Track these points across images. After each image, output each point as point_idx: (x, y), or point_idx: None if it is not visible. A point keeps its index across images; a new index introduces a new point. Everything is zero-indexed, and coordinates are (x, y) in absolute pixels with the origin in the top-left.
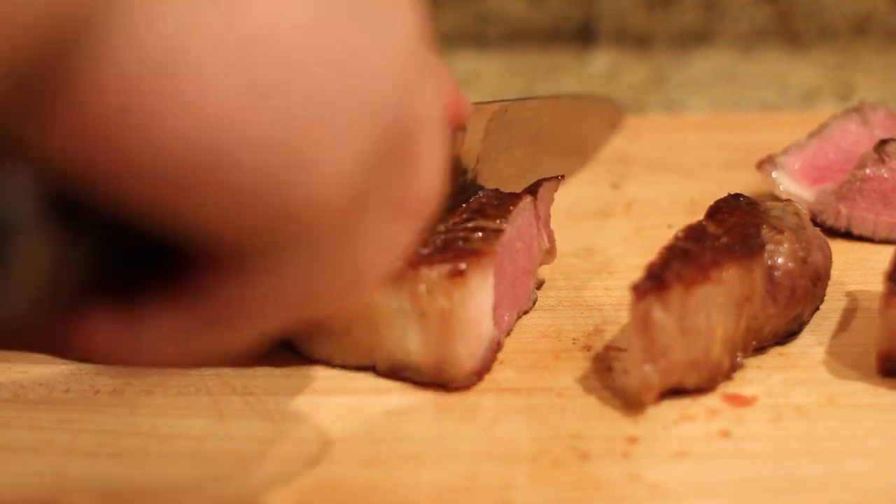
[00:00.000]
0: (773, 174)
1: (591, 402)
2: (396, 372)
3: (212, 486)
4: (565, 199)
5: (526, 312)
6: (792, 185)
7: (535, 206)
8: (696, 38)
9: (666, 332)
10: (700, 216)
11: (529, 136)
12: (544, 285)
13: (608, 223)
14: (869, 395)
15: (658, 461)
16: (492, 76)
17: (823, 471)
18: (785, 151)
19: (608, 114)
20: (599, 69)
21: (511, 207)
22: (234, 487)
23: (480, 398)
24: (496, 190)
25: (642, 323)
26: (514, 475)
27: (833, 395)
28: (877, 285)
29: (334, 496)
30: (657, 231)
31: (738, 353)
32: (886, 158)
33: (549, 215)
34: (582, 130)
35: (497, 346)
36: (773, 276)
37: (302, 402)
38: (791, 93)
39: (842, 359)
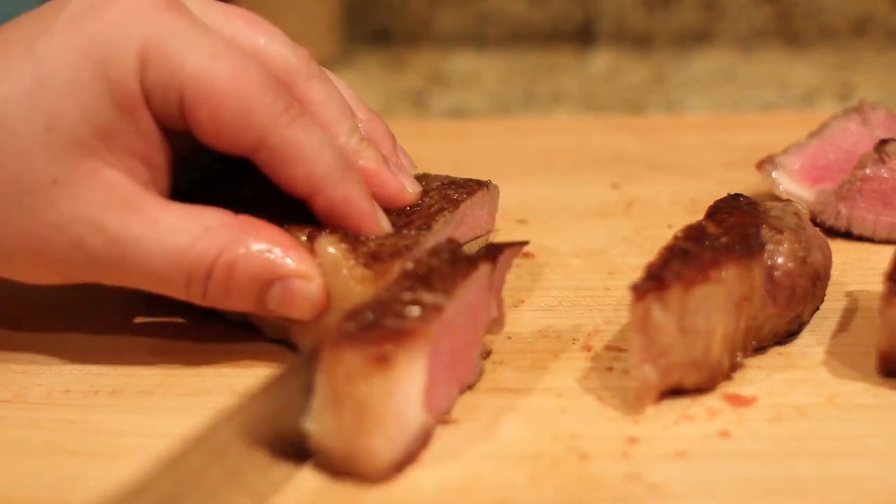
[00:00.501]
0: (773, 174)
1: (591, 402)
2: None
3: None
4: (565, 199)
5: (470, 387)
6: (792, 185)
7: (492, 275)
8: (696, 38)
9: (666, 331)
10: (700, 216)
11: None
12: (545, 285)
13: (608, 223)
14: (869, 395)
15: (658, 461)
16: (492, 76)
17: (823, 471)
18: (785, 151)
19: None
20: (599, 69)
21: (461, 280)
22: None
23: (480, 398)
24: (453, 246)
25: (642, 323)
26: (513, 475)
27: (833, 395)
28: (877, 285)
29: (335, 496)
30: (657, 231)
31: (738, 353)
32: (886, 158)
33: (504, 281)
34: None
35: (427, 434)
36: (773, 275)
37: None
38: (791, 93)
39: (842, 359)
